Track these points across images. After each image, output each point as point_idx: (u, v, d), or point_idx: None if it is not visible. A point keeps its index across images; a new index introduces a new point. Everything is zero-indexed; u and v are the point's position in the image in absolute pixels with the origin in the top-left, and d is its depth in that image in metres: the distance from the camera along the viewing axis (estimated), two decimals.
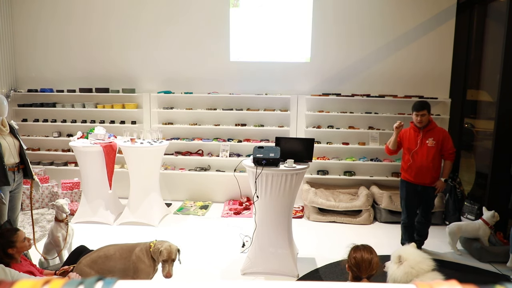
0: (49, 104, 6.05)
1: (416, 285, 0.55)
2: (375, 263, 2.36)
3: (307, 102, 5.80)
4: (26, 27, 6.11)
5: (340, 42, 5.73)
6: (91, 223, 4.93)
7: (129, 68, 6.04)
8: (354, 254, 2.40)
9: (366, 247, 2.43)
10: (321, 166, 5.88)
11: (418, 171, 3.89)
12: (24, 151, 3.69)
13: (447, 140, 3.87)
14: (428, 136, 3.86)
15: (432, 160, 3.84)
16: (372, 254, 2.39)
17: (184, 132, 6.08)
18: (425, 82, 5.67)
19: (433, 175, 3.89)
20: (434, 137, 3.84)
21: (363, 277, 2.35)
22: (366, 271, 2.34)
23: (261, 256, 3.72)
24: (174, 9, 5.84)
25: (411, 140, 3.93)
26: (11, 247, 2.72)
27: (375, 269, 2.36)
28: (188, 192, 6.06)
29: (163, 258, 2.78)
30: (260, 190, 3.57)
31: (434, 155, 3.84)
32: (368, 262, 2.34)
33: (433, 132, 3.87)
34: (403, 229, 4.19)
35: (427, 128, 3.88)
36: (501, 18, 4.71)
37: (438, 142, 3.83)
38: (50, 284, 0.52)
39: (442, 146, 3.86)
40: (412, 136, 3.93)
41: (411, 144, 3.91)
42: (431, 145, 3.83)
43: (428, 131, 3.88)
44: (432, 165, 3.85)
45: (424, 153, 3.85)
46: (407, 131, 4.01)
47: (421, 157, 3.86)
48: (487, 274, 3.85)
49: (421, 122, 3.84)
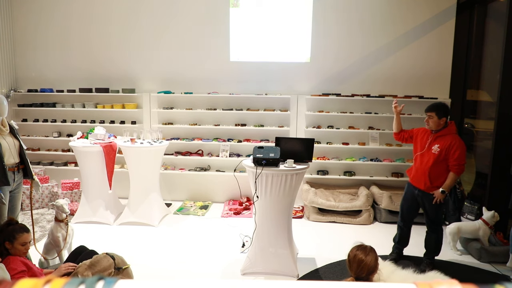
0: (49, 104, 6.05)
1: (416, 284, 0.55)
2: (367, 265, 2.30)
3: (307, 102, 5.80)
4: (26, 27, 6.11)
5: (340, 42, 5.74)
6: (91, 223, 4.93)
7: (129, 68, 6.04)
8: (351, 251, 2.40)
9: (364, 248, 2.40)
10: (321, 166, 5.88)
11: (416, 174, 3.80)
12: (24, 151, 3.69)
13: (454, 149, 3.54)
14: (437, 142, 3.65)
15: (430, 167, 3.64)
16: (368, 256, 2.33)
17: (184, 132, 6.08)
18: (425, 82, 5.67)
19: (427, 182, 3.67)
20: (441, 144, 3.61)
21: (352, 275, 2.33)
22: (355, 270, 2.32)
23: (261, 256, 3.72)
24: (174, 9, 5.84)
25: (421, 142, 3.79)
26: (10, 242, 2.73)
27: (365, 271, 2.29)
28: (188, 192, 6.06)
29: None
30: (260, 190, 3.57)
31: (434, 163, 3.62)
32: (359, 262, 2.31)
33: (443, 139, 3.63)
34: (397, 227, 4.12)
35: (439, 133, 3.66)
36: (501, 18, 4.71)
37: (442, 150, 3.57)
38: (51, 283, 0.52)
39: (447, 155, 3.57)
40: (424, 138, 3.78)
41: (420, 145, 3.79)
42: (434, 152, 3.62)
43: (438, 137, 3.66)
44: (428, 173, 3.66)
45: (425, 157, 3.71)
46: (423, 130, 3.84)
47: (421, 161, 3.74)
48: (487, 274, 3.85)
49: (427, 124, 3.69)
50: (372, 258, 2.34)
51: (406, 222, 4.01)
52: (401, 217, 4.02)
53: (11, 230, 2.77)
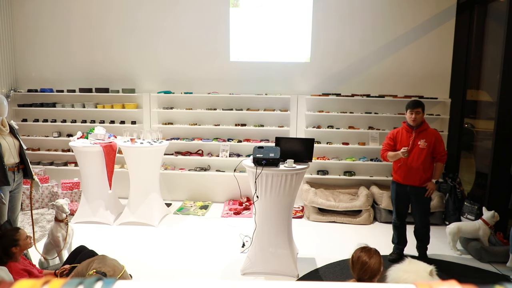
0: (49, 104, 6.05)
1: (415, 285, 0.55)
2: (371, 268, 2.26)
3: (307, 102, 5.80)
4: (26, 27, 6.11)
5: (340, 42, 5.74)
6: (91, 223, 4.93)
7: (129, 68, 6.04)
8: (355, 252, 2.38)
9: (369, 250, 2.36)
10: (321, 166, 5.88)
11: (408, 172, 3.86)
12: (24, 151, 3.70)
13: (439, 142, 3.84)
14: (421, 137, 3.82)
15: (422, 162, 3.80)
16: (372, 259, 2.29)
17: (184, 132, 6.08)
18: (425, 82, 5.67)
19: (422, 176, 3.84)
20: (426, 139, 3.80)
21: (354, 277, 2.32)
22: (358, 272, 2.29)
23: (261, 256, 3.72)
24: (174, 9, 5.84)
25: (403, 141, 3.90)
26: (15, 246, 2.73)
27: (368, 273, 2.26)
28: (188, 192, 6.06)
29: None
30: (260, 190, 3.57)
31: (425, 157, 3.80)
32: (362, 264, 2.29)
33: (426, 134, 3.83)
34: (393, 228, 4.18)
35: (420, 129, 3.84)
36: (501, 18, 4.71)
37: (430, 144, 3.80)
38: (50, 284, 0.52)
39: (434, 148, 3.82)
40: (405, 136, 3.90)
41: (403, 144, 3.88)
42: (422, 147, 3.79)
43: (421, 132, 3.84)
44: (422, 167, 3.81)
45: (416, 154, 3.82)
46: (400, 131, 3.97)
47: (411, 158, 3.83)
48: (487, 274, 3.85)
49: (415, 120, 3.80)
50: (376, 261, 2.30)
51: (403, 220, 4.11)
52: (398, 216, 4.09)
53: (9, 237, 2.76)
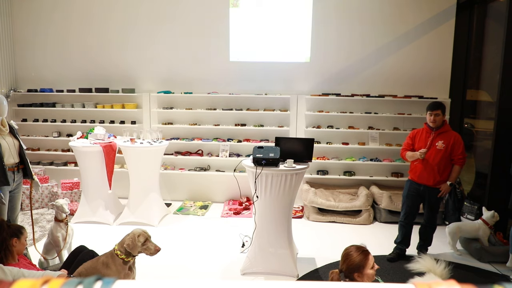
0: (48, 104, 6.05)
1: (415, 285, 0.55)
2: (350, 261, 2.25)
3: (307, 102, 5.80)
4: (26, 27, 6.11)
5: (340, 42, 5.74)
6: (90, 223, 4.93)
7: (129, 68, 6.04)
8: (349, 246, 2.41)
9: (360, 247, 2.36)
10: (321, 166, 5.88)
11: (423, 172, 3.89)
12: (24, 151, 3.70)
13: (458, 144, 3.79)
14: (440, 138, 3.83)
15: (438, 163, 3.81)
16: (357, 253, 2.28)
17: (184, 132, 6.08)
18: (425, 82, 5.67)
19: (436, 177, 3.85)
20: (445, 140, 3.80)
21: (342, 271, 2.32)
22: (341, 263, 2.33)
23: (261, 256, 3.72)
24: (174, 9, 5.84)
25: (421, 141, 3.92)
26: (17, 237, 2.75)
27: (346, 265, 2.26)
28: (188, 192, 6.06)
29: (133, 247, 2.70)
30: (260, 190, 3.57)
31: (442, 158, 3.80)
32: (346, 255, 2.30)
33: (445, 135, 3.83)
34: (399, 227, 4.16)
35: (440, 130, 3.84)
36: (501, 18, 4.71)
37: (448, 146, 3.78)
38: (49, 283, 0.52)
39: (452, 150, 3.79)
40: (424, 136, 3.92)
41: (421, 144, 3.91)
42: (440, 148, 3.79)
43: (440, 134, 3.84)
44: (437, 168, 3.82)
45: (432, 154, 3.83)
46: (420, 131, 3.99)
47: (428, 158, 3.85)
48: (487, 274, 3.85)
49: (434, 122, 3.81)
50: (360, 257, 2.27)
51: (410, 220, 4.08)
52: (405, 215, 4.07)
53: (16, 226, 2.81)
